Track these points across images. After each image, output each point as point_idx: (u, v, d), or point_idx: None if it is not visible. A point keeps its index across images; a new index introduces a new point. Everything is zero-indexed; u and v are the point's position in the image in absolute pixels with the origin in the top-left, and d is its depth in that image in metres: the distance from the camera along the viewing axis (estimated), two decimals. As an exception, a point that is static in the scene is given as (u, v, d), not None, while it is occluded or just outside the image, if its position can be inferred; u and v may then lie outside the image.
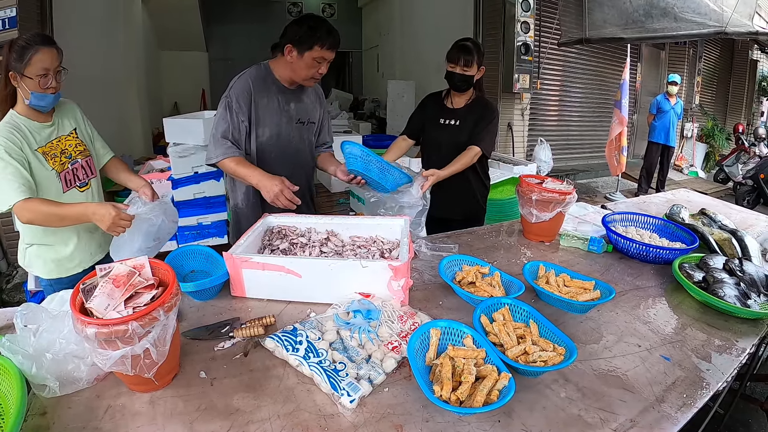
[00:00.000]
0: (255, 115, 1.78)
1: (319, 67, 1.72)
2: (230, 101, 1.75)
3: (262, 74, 1.81)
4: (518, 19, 5.19)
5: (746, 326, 1.38)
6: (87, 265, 1.73)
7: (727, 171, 7.13)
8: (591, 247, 1.90)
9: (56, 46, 1.51)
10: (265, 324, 1.26)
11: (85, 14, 4.80)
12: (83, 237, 1.70)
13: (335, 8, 11.60)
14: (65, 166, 1.62)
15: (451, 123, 2.23)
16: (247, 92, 1.75)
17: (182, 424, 0.93)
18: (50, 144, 1.59)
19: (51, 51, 1.47)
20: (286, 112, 1.85)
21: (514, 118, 5.67)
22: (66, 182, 1.61)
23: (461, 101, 2.23)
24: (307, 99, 1.93)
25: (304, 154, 1.97)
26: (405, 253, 1.41)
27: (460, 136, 2.19)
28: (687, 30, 4.17)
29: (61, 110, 1.68)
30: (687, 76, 8.33)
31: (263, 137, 1.83)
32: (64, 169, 1.61)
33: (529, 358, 1.08)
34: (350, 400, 0.98)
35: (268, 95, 1.80)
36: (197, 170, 3.58)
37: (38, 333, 1.03)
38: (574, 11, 4.94)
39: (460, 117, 2.22)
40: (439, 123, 2.25)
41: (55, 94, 1.52)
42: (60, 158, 1.61)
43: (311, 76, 1.74)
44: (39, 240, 1.64)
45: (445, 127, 2.24)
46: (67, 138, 1.66)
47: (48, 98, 1.52)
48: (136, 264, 1.03)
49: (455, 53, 2.08)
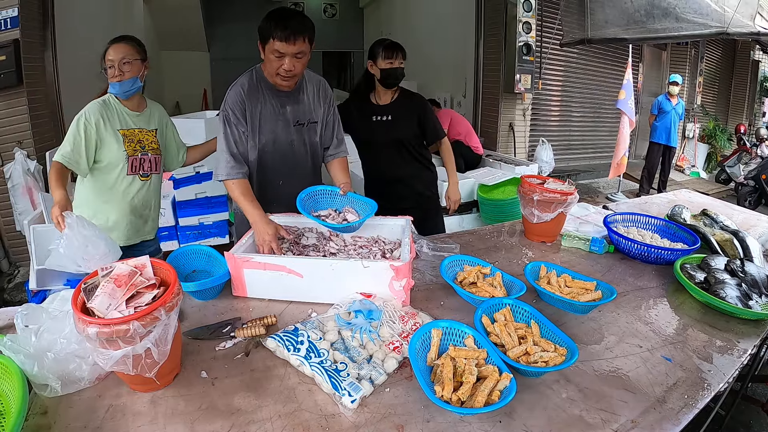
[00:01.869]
0: (251, 123, 1.76)
1: (281, 63, 1.61)
2: (227, 114, 1.73)
3: (254, 80, 1.76)
4: (520, 20, 5.18)
5: (747, 327, 1.37)
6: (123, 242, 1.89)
7: (728, 171, 7.11)
8: (592, 247, 1.90)
9: (125, 42, 1.76)
10: (266, 324, 1.26)
11: (86, 14, 4.81)
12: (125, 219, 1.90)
13: (337, 8, 11.59)
14: (136, 153, 1.85)
15: (383, 119, 2.29)
16: (240, 102, 1.72)
17: (183, 424, 0.93)
18: (132, 131, 1.85)
19: (117, 47, 1.74)
20: (282, 115, 1.80)
21: (515, 118, 5.66)
22: (131, 166, 1.84)
23: (388, 97, 2.29)
24: (307, 99, 1.86)
25: (306, 157, 1.92)
26: (406, 254, 1.41)
27: (394, 132, 2.27)
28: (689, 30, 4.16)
29: (153, 110, 1.96)
30: (688, 77, 8.31)
31: (260, 144, 1.80)
32: (134, 155, 1.84)
33: (531, 358, 1.08)
34: (351, 400, 0.98)
35: (261, 101, 1.76)
36: (199, 170, 3.58)
37: (39, 333, 1.03)
38: (575, 11, 4.92)
39: (391, 112, 2.28)
40: (372, 121, 2.30)
41: (121, 81, 1.74)
42: (135, 145, 1.85)
43: (276, 72, 1.65)
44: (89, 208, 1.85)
45: (379, 124, 2.29)
46: (148, 133, 1.90)
47: (115, 86, 1.75)
48: (138, 264, 1.03)
49: (391, 50, 2.16)
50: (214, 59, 10.16)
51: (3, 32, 3.20)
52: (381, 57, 2.17)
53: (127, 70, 1.74)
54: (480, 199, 3.68)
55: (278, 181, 1.87)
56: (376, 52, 2.19)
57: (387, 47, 2.17)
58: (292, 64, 1.62)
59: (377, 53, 2.18)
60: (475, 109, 5.90)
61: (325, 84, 1.95)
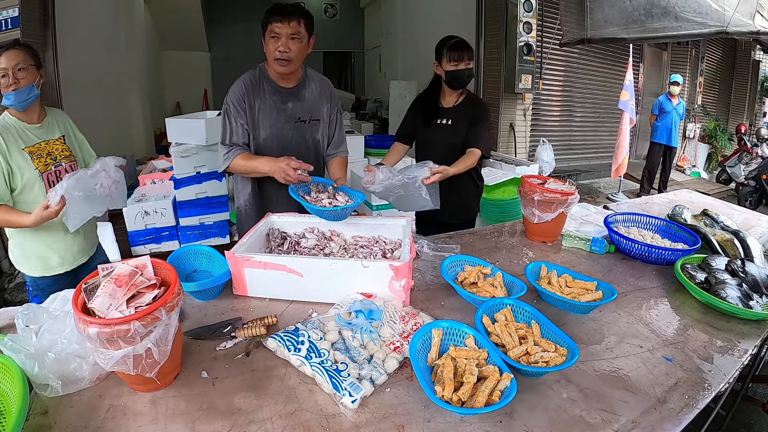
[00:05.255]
0: (251, 118, 1.80)
1: (277, 45, 1.68)
2: (228, 107, 1.79)
3: (256, 77, 1.82)
4: (520, 20, 5.18)
5: (748, 327, 1.37)
6: (69, 267, 1.82)
7: (729, 172, 7.11)
8: (593, 247, 1.90)
9: (18, 48, 1.62)
10: (267, 324, 1.26)
11: (87, 14, 4.82)
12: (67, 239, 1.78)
13: (337, 8, 11.61)
14: (49, 167, 1.71)
15: (443, 123, 2.22)
16: (241, 96, 1.78)
17: (184, 424, 0.93)
18: (38, 145, 1.70)
19: (9, 53, 1.58)
20: (283, 111, 1.84)
21: (516, 118, 5.66)
22: (48, 182, 1.69)
23: (452, 99, 2.22)
24: (310, 96, 1.89)
25: (306, 153, 1.92)
26: (406, 254, 1.41)
27: (452, 137, 2.18)
28: (688, 30, 4.15)
29: (51, 117, 1.79)
30: (689, 77, 8.30)
31: (260, 139, 1.84)
32: (47, 170, 1.70)
33: (531, 358, 1.08)
34: (352, 400, 0.98)
35: (262, 97, 1.81)
36: (199, 170, 3.58)
37: (40, 333, 1.03)
38: (575, 11, 4.91)
39: (452, 116, 2.21)
40: (432, 123, 2.24)
41: (16, 90, 1.59)
42: (45, 159, 1.70)
43: (274, 56, 1.71)
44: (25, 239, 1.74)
45: (438, 127, 2.22)
46: (54, 142, 1.76)
47: (9, 97, 1.59)
48: (139, 264, 1.03)
49: (455, 51, 2.07)
50: (214, 59, 10.17)
51: (3, 32, 3.20)
52: (446, 58, 2.09)
53: (22, 77, 1.59)
54: (481, 200, 3.68)
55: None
56: (442, 52, 2.11)
57: (451, 48, 2.09)
58: (287, 45, 1.69)
59: (442, 54, 2.10)
60: (475, 109, 5.89)
61: (329, 84, 1.98)
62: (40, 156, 1.69)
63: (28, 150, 1.66)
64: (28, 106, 1.66)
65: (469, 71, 2.11)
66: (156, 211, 3.55)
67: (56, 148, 1.76)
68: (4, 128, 1.63)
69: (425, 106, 2.28)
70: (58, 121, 1.82)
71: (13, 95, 1.59)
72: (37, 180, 1.67)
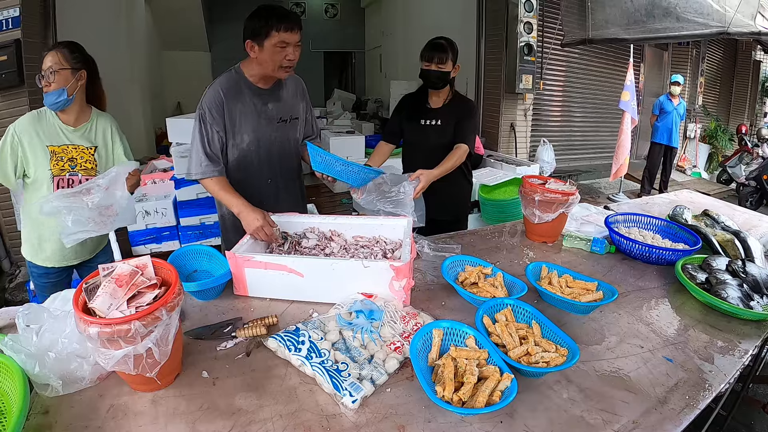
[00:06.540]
0: (230, 123, 1.74)
1: (285, 53, 1.64)
2: (203, 113, 1.71)
3: (234, 80, 1.76)
4: (521, 20, 5.18)
5: (749, 328, 1.37)
6: (57, 264, 1.83)
7: (730, 172, 7.10)
8: (594, 248, 1.90)
9: (57, 49, 1.63)
10: (267, 324, 1.26)
11: (88, 14, 4.82)
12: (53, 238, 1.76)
13: (338, 8, 11.58)
14: (63, 173, 1.70)
15: (432, 123, 2.22)
16: (218, 102, 1.71)
17: (184, 424, 0.93)
18: (63, 147, 1.70)
19: (50, 54, 1.61)
20: (264, 113, 1.79)
21: (516, 118, 5.65)
22: (57, 186, 1.69)
23: (440, 100, 2.23)
24: (286, 95, 1.86)
25: (290, 155, 1.92)
26: (407, 254, 1.41)
27: (443, 136, 2.19)
28: (689, 30, 4.15)
29: (93, 123, 1.78)
30: (690, 77, 8.30)
31: (243, 144, 1.78)
32: (60, 175, 1.69)
33: (532, 359, 1.08)
34: (352, 400, 0.98)
35: (242, 100, 1.74)
36: (200, 170, 3.58)
37: (40, 333, 1.03)
38: (576, 11, 4.91)
39: (440, 117, 2.21)
40: (420, 124, 2.24)
41: (47, 93, 1.61)
42: (64, 164, 1.70)
43: (279, 64, 1.66)
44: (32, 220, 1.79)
45: (427, 128, 2.23)
46: (83, 150, 1.75)
47: (45, 96, 1.62)
48: (139, 263, 1.03)
49: (428, 51, 2.10)
50: (215, 59, 10.15)
51: (4, 32, 3.20)
52: (422, 58, 2.11)
53: (53, 81, 1.61)
54: (481, 200, 3.69)
55: (266, 179, 1.87)
56: (422, 52, 2.12)
57: (425, 47, 2.11)
58: (294, 53, 1.67)
59: (422, 53, 2.12)
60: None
61: (301, 81, 1.96)
62: (61, 158, 1.69)
63: (52, 148, 1.67)
64: (60, 109, 1.67)
65: (439, 73, 2.10)
66: (156, 211, 3.56)
67: (81, 156, 1.74)
68: (40, 118, 1.67)
69: (413, 106, 2.29)
70: (99, 130, 1.80)
71: (45, 96, 1.63)
72: (47, 181, 1.68)
